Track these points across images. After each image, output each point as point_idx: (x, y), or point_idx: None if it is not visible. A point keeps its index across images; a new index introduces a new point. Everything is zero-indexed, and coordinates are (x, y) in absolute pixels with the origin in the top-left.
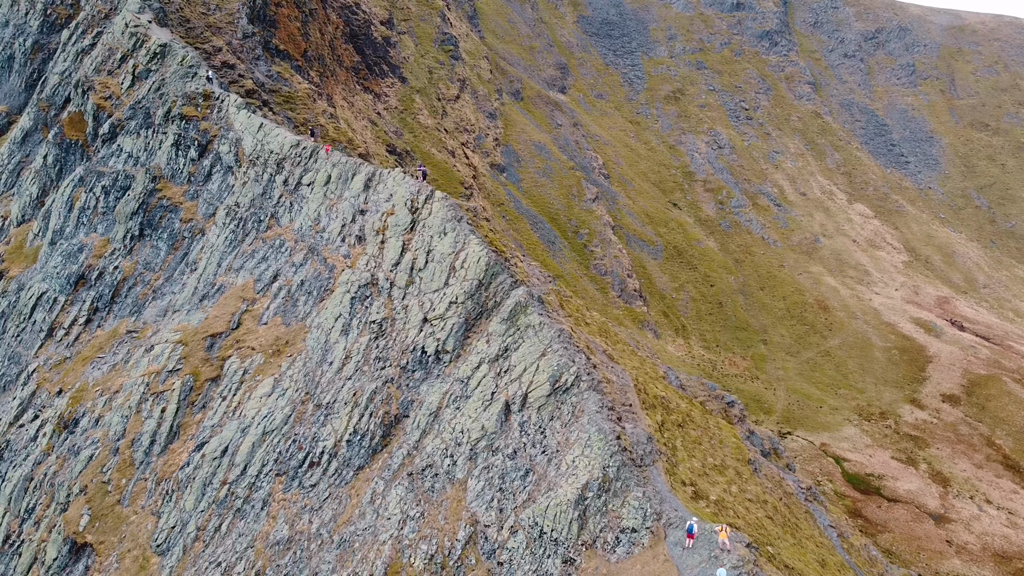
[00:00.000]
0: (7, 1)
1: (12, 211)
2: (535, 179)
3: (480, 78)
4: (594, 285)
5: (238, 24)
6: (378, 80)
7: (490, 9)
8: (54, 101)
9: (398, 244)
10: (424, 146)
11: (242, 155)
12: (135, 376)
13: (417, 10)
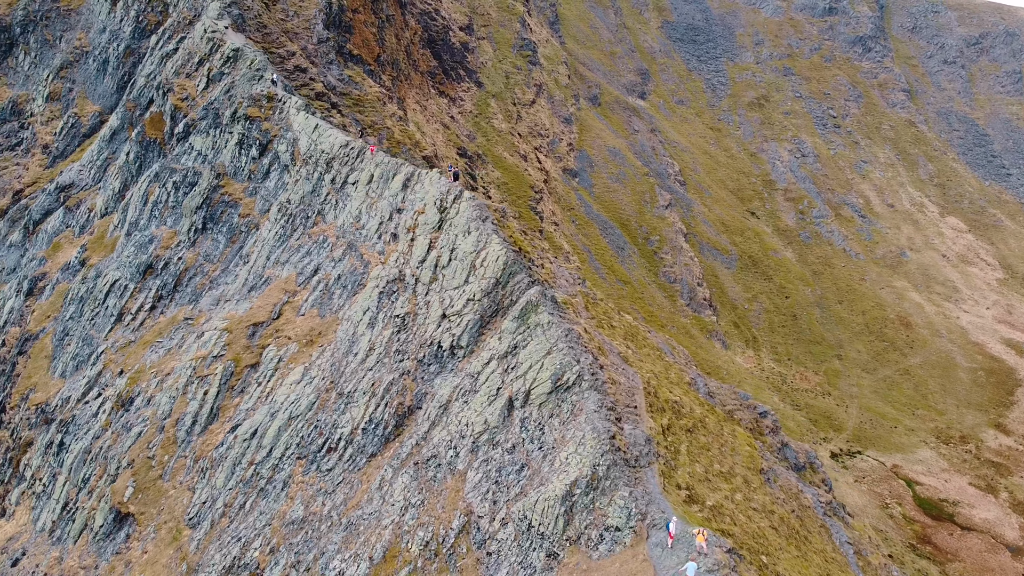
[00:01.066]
0: (105, 9)
1: (97, 204)
2: (607, 184)
3: (557, 83)
4: (662, 292)
5: (314, 30)
6: (454, 84)
7: (572, 15)
8: (139, 102)
9: (426, 242)
10: (496, 150)
11: (297, 154)
12: (185, 360)
13: (497, 16)
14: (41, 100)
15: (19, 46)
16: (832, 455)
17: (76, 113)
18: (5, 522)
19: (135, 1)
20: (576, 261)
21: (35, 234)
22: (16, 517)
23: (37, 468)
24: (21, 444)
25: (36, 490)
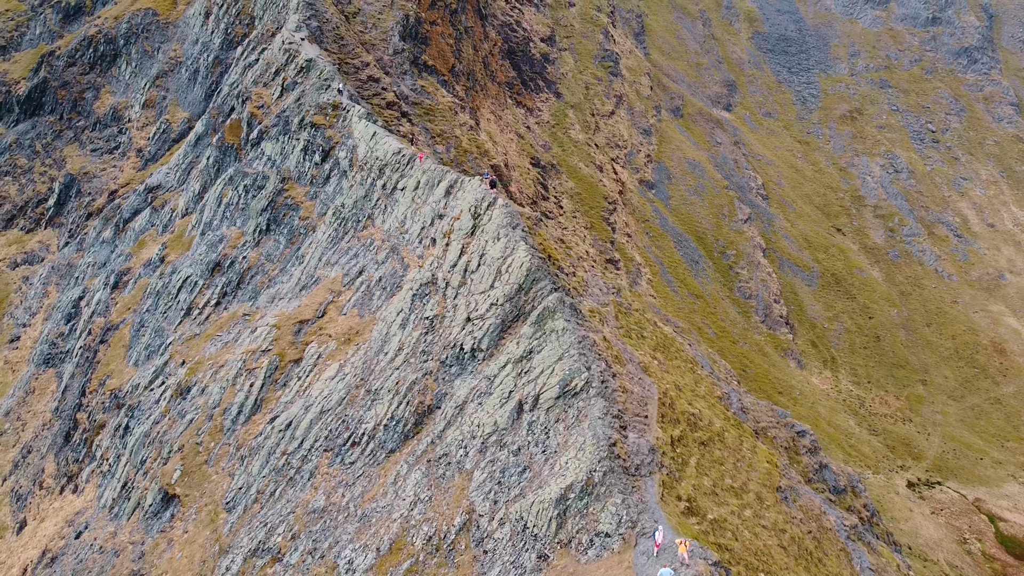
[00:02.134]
0: (199, 22)
1: (179, 204)
2: (685, 197)
3: (639, 94)
4: (736, 308)
5: (390, 41)
6: (532, 95)
7: (659, 26)
8: (222, 109)
9: (458, 247)
10: (571, 160)
11: (355, 161)
12: (237, 353)
13: (580, 27)
14: (138, 107)
15: (122, 57)
16: (909, 484)
17: (167, 119)
18: (76, 497)
19: (225, 14)
20: (647, 273)
21: (124, 232)
22: (85, 493)
23: (106, 449)
24: (95, 426)
25: (103, 469)
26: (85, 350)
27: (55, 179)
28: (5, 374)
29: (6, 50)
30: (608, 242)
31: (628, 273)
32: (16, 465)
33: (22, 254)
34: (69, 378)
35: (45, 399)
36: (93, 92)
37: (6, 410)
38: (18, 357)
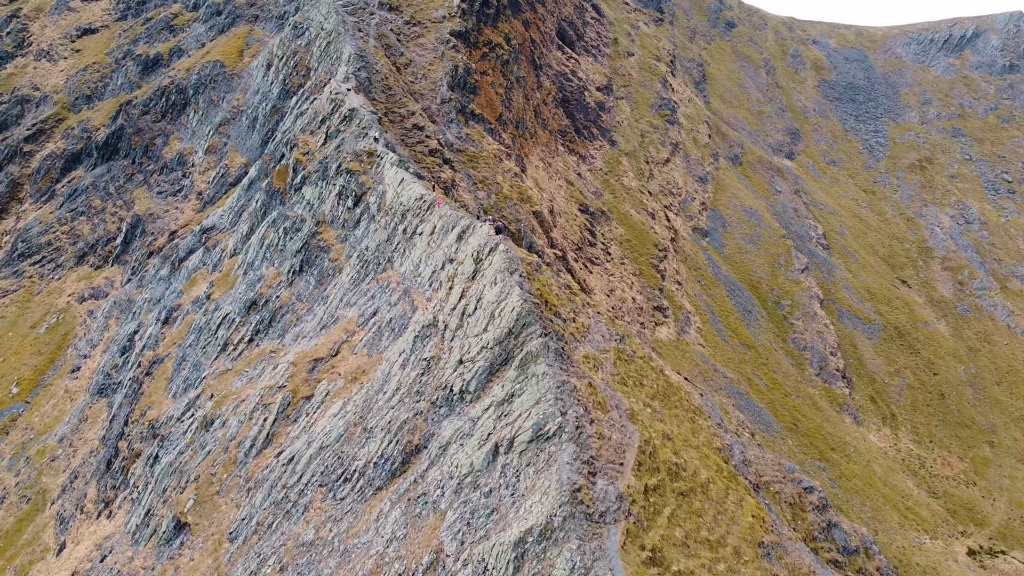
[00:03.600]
0: (261, 73)
1: (229, 245)
2: (739, 245)
3: (696, 142)
4: (789, 359)
5: (438, 91)
6: (585, 143)
7: (721, 74)
8: (274, 155)
9: (459, 291)
10: (623, 207)
11: (383, 205)
12: (258, 388)
13: (639, 76)
14: (201, 152)
15: (191, 105)
16: (970, 552)
17: (227, 164)
18: (108, 522)
19: (284, 66)
20: (697, 321)
21: (179, 270)
22: (116, 519)
23: (137, 477)
24: (133, 455)
25: (133, 496)
26: (133, 382)
27: (124, 219)
28: (64, 402)
29: (91, 99)
30: (657, 289)
31: (676, 321)
32: (64, 489)
33: (89, 289)
34: (117, 408)
35: (95, 427)
36: (163, 138)
37: (60, 436)
38: (77, 387)
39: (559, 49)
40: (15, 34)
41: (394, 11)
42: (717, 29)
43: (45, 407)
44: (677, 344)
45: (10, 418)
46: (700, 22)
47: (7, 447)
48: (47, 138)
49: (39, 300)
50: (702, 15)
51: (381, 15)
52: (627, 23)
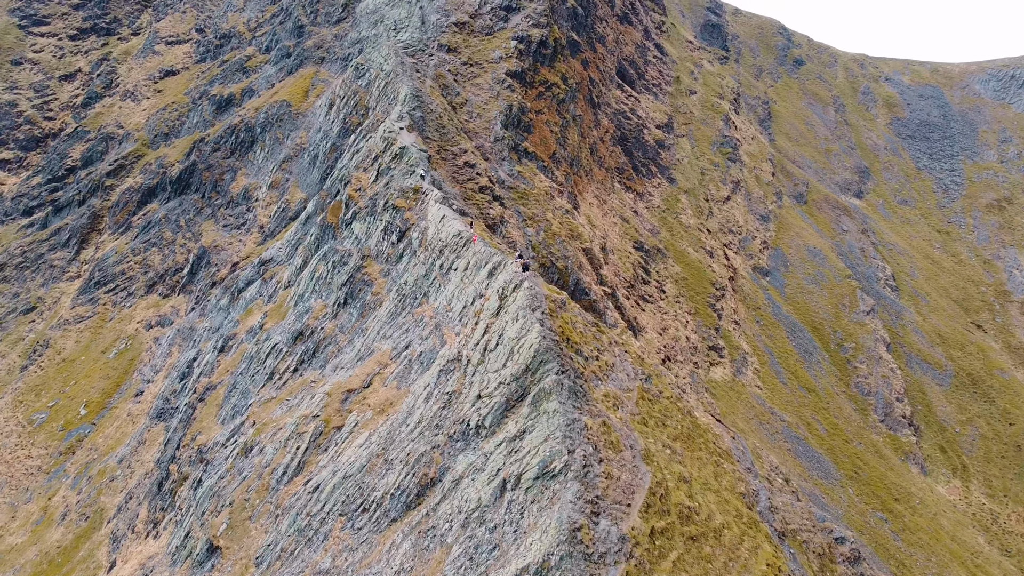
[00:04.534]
0: (323, 112)
1: (284, 277)
2: (802, 285)
3: (759, 180)
4: (851, 404)
5: (492, 129)
6: (643, 180)
7: (787, 112)
8: (330, 191)
9: (483, 326)
10: (680, 244)
11: (424, 241)
12: (294, 417)
13: (700, 114)
14: (265, 188)
15: (258, 143)
16: None
17: (287, 199)
18: (154, 542)
19: (345, 105)
20: (754, 362)
21: (237, 300)
22: (161, 539)
23: (183, 499)
24: (181, 478)
25: (177, 518)
26: (188, 407)
27: (191, 251)
28: (127, 425)
29: (168, 137)
30: (713, 328)
31: (732, 361)
32: (119, 509)
33: (156, 317)
34: (172, 432)
35: (152, 450)
36: (231, 174)
37: (120, 458)
38: (139, 410)
39: (618, 88)
40: (105, 76)
41: (452, 52)
42: (784, 67)
43: (109, 429)
44: (732, 385)
45: (77, 438)
46: (767, 60)
47: (72, 466)
48: (127, 173)
49: (110, 326)
50: (769, 53)
51: (440, 56)
52: (690, 61)
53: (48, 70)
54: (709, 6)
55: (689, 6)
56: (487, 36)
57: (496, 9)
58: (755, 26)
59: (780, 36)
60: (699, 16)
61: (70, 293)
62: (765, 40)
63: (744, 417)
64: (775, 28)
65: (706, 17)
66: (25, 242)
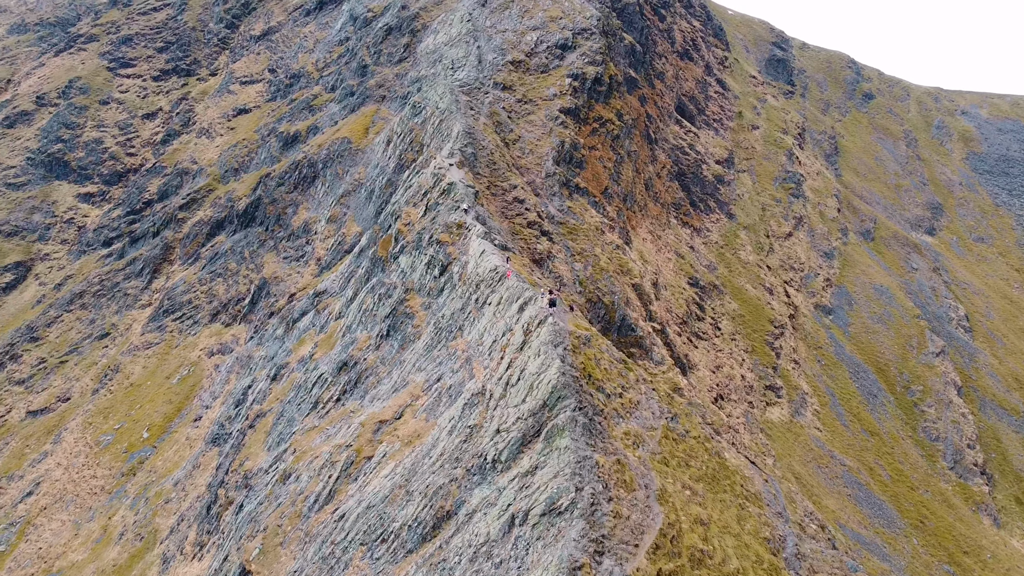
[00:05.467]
0: (381, 149)
1: (335, 308)
2: (866, 324)
3: (823, 216)
4: (918, 450)
5: (543, 165)
6: (701, 216)
7: (855, 147)
8: (383, 225)
9: (507, 361)
10: (738, 281)
11: (464, 276)
12: (330, 446)
13: (762, 149)
14: (324, 221)
15: (319, 178)
16: None
17: (344, 233)
18: (198, 564)
19: (401, 142)
20: (814, 403)
21: (292, 330)
22: (204, 561)
23: (226, 523)
24: (227, 502)
25: (219, 542)
26: (240, 433)
27: (253, 282)
28: (185, 449)
29: (238, 172)
30: (770, 368)
31: (791, 402)
32: (171, 531)
33: (218, 345)
34: (223, 457)
35: (205, 474)
36: (293, 208)
37: (176, 480)
38: (197, 435)
39: (677, 123)
40: (183, 114)
41: (507, 90)
42: (853, 101)
43: (168, 452)
44: (790, 426)
45: (138, 460)
46: (835, 94)
47: (132, 487)
48: (198, 206)
49: (175, 353)
50: (837, 87)
51: (495, 94)
52: (753, 96)
53: (132, 109)
54: (775, 41)
55: (754, 41)
56: (542, 74)
57: (552, 48)
58: (823, 60)
59: (849, 70)
60: (764, 51)
61: (141, 320)
62: (833, 74)
63: (801, 460)
64: (844, 62)
65: (771, 52)
66: (103, 271)
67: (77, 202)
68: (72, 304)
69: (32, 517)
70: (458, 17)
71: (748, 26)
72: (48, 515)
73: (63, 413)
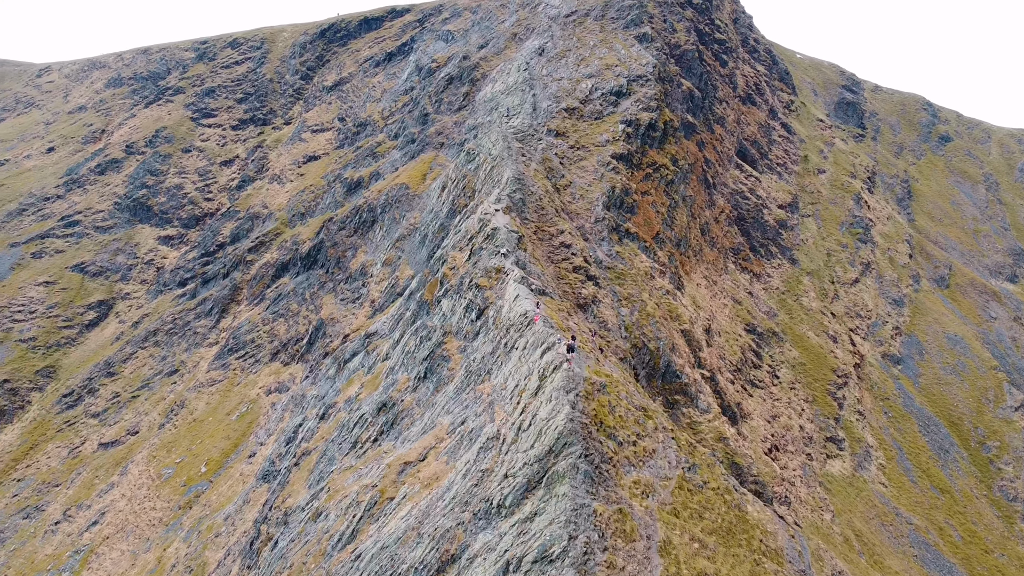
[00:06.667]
0: (436, 194)
1: (383, 350)
2: (939, 375)
3: (893, 262)
4: (993, 510)
5: (593, 210)
6: (762, 261)
7: (930, 191)
8: (432, 269)
9: (522, 405)
10: (799, 328)
11: (498, 320)
12: (358, 486)
13: (828, 194)
14: (379, 265)
15: (378, 223)
16: None
17: (397, 276)
18: None
19: (455, 188)
20: (880, 457)
21: (343, 371)
22: None
23: (263, 559)
24: (267, 538)
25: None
26: (287, 471)
27: (311, 322)
28: (238, 484)
29: (304, 216)
30: (832, 419)
31: (853, 455)
32: (218, 564)
33: (276, 383)
34: (271, 493)
35: (254, 510)
36: (352, 251)
37: (227, 515)
38: (249, 471)
39: (737, 168)
40: (257, 161)
41: (560, 136)
42: (928, 144)
43: (223, 487)
44: (852, 481)
45: (195, 494)
46: (909, 137)
47: (188, 520)
48: (266, 249)
49: (237, 391)
50: (911, 130)
51: (548, 140)
52: (820, 140)
53: (211, 156)
54: (845, 84)
55: (823, 85)
56: (596, 121)
57: (607, 95)
58: (897, 103)
59: (924, 112)
60: (833, 94)
61: (208, 358)
62: (908, 116)
63: (863, 516)
64: (919, 104)
65: (841, 95)
66: (176, 310)
67: (157, 244)
68: (146, 341)
69: (96, 546)
70: (515, 66)
71: (817, 69)
72: (110, 544)
73: (131, 446)
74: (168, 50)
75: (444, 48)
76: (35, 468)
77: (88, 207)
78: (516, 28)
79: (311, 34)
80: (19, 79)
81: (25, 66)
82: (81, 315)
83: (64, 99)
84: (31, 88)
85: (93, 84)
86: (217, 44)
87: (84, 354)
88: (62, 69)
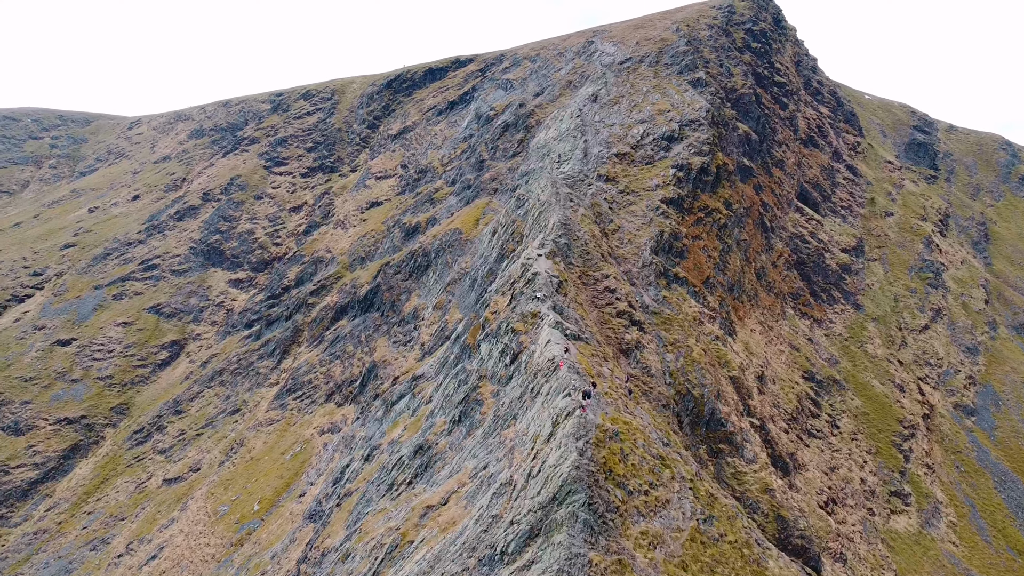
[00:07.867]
0: (487, 239)
1: (428, 393)
2: (1016, 428)
3: (967, 308)
4: None
5: (641, 255)
6: (823, 306)
7: (1009, 234)
8: (478, 313)
9: (535, 451)
10: (863, 376)
11: (529, 365)
12: (384, 528)
13: (896, 237)
14: (431, 308)
15: (431, 267)
16: None
17: (447, 319)
18: None
19: (504, 232)
20: (950, 514)
21: (390, 413)
22: None
23: None
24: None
25: None
26: (330, 511)
27: (365, 364)
28: (287, 523)
29: (364, 260)
30: (897, 472)
31: (921, 511)
32: None
33: (329, 424)
34: (314, 533)
35: (298, 550)
36: (406, 295)
37: (274, 553)
38: (299, 510)
39: (798, 211)
40: (324, 207)
41: (610, 182)
42: (1008, 185)
43: (273, 525)
44: (918, 538)
45: (247, 532)
46: (986, 177)
47: (239, 557)
48: (327, 292)
49: (293, 430)
50: (988, 170)
51: (598, 186)
52: (888, 182)
53: (281, 203)
54: (916, 124)
55: (892, 125)
56: (646, 165)
57: (658, 140)
58: (973, 143)
59: (1003, 152)
60: (903, 135)
61: (268, 398)
62: (985, 156)
63: None
64: (997, 144)
65: (911, 136)
66: (241, 351)
67: (228, 287)
68: (213, 381)
69: None
70: (568, 113)
71: (887, 110)
72: None
73: (192, 482)
74: (246, 102)
75: (503, 96)
76: (104, 502)
77: (166, 251)
78: (571, 76)
79: (378, 84)
80: (112, 131)
81: (119, 119)
82: (155, 354)
83: (151, 150)
84: (122, 140)
85: (177, 135)
86: (291, 96)
87: (156, 392)
88: (151, 122)
